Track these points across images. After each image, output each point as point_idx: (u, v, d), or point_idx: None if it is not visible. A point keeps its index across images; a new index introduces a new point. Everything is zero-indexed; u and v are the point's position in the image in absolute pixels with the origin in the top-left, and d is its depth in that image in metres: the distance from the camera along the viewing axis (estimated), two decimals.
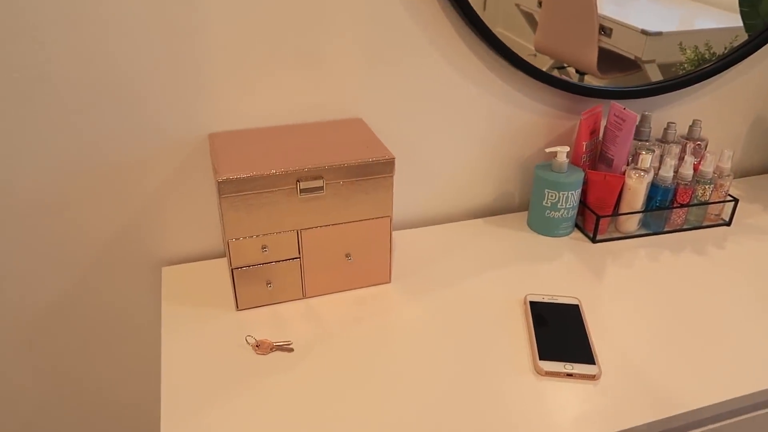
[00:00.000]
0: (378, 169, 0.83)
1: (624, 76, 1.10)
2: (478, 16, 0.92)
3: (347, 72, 0.92)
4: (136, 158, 0.88)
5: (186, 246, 0.98)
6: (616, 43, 1.06)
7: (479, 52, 0.98)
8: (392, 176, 0.84)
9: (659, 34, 1.09)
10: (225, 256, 0.99)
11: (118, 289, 0.98)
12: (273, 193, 0.79)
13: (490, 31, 0.94)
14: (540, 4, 0.96)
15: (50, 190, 0.87)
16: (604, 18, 1.02)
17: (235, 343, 0.80)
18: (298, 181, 0.79)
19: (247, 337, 0.81)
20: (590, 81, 1.06)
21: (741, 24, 1.13)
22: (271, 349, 0.79)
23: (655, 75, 1.10)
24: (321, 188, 0.80)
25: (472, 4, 0.91)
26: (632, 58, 1.07)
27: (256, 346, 0.79)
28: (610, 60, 1.06)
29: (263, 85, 0.89)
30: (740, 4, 1.12)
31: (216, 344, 0.80)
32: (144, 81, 0.83)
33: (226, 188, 0.77)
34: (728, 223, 1.10)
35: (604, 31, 1.04)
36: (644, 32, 1.07)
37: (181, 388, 0.73)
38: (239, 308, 0.86)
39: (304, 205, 0.81)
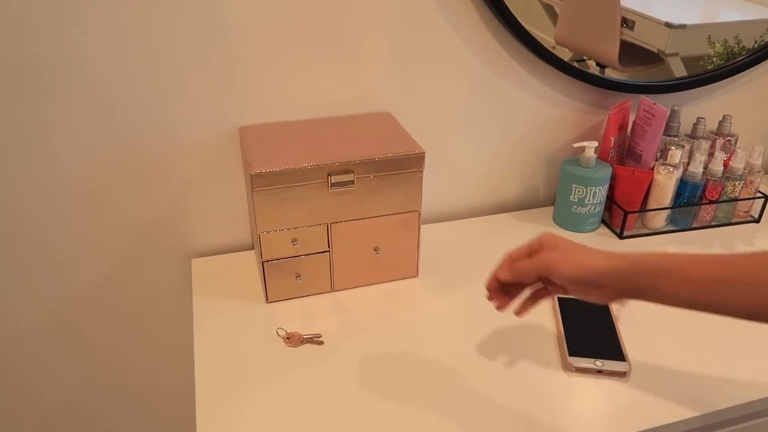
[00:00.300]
0: (408, 164, 0.83)
1: (645, 69, 1.09)
2: (509, 10, 0.92)
3: (376, 66, 0.92)
4: (168, 151, 0.89)
5: (215, 238, 0.99)
6: (639, 36, 1.04)
7: (508, 46, 0.97)
8: (422, 171, 0.84)
9: (683, 26, 1.07)
10: (253, 249, 1.00)
11: (149, 279, 0.99)
12: (304, 187, 0.80)
13: (520, 23, 0.93)
14: None
15: (87, 181, 0.88)
16: (627, 10, 1.01)
17: (266, 335, 0.81)
18: (329, 174, 0.80)
19: (278, 330, 0.81)
20: (611, 74, 1.05)
21: None
22: (301, 341, 0.80)
23: (678, 68, 1.09)
24: (352, 182, 0.81)
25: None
26: (655, 51, 1.06)
27: (287, 338, 0.80)
28: (631, 53, 1.05)
29: (293, 78, 0.89)
30: None
31: (247, 336, 0.81)
32: (176, 75, 0.84)
33: (259, 182, 0.77)
34: (757, 220, 1.09)
35: (627, 23, 1.03)
36: (668, 25, 1.06)
37: (214, 378, 0.74)
38: (269, 300, 0.87)
39: (334, 198, 0.82)
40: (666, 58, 1.07)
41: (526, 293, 0.70)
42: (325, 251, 0.85)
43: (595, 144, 1.00)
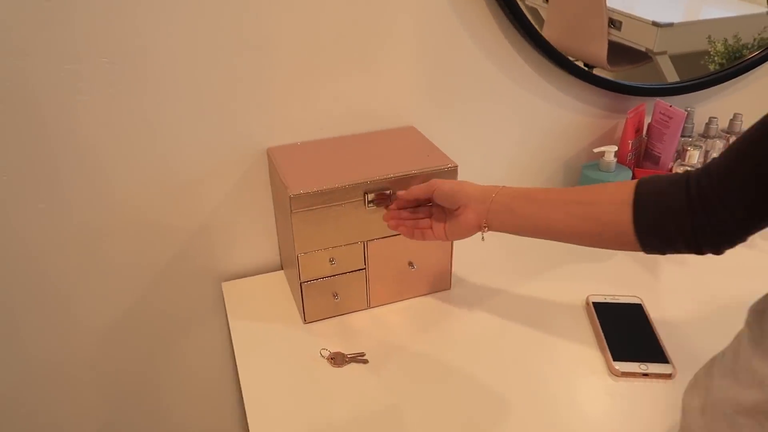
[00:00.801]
0: (441, 177, 0.83)
1: (634, 68, 1.10)
2: (530, 21, 0.93)
3: (398, 79, 0.93)
4: (195, 176, 0.89)
5: (243, 260, 0.98)
6: (627, 36, 1.06)
7: (526, 56, 0.98)
8: (457, 165, 0.84)
9: (671, 25, 1.09)
10: (281, 269, 1.00)
11: (181, 305, 0.98)
12: (341, 206, 0.80)
13: (538, 32, 0.95)
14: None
15: (116, 210, 0.87)
16: (613, 11, 1.03)
17: (309, 356, 0.81)
18: (365, 193, 0.80)
19: (322, 351, 0.81)
20: (599, 73, 1.06)
21: (762, 11, 1.12)
22: (346, 361, 0.80)
23: (666, 66, 1.10)
24: (388, 198, 0.81)
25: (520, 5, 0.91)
26: (643, 50, 1.07)
27: (331, 359, 0.80)
28: (619, 52, 1.06)
29: (317, 95, 0.89)
30: None
31: (290, 359, 0.81)
32: (199, 98, 0.83)
33: (297, 203, 0.77)
34: None
35: (614, 24, 1.05)
36: (655, 24, 1.07)
37: (264, 405, 0.74)
38: (306, 321, 0.86)
39: (370, 216, 0.82)
40: (654, 56, 1.09)
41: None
42: (361, 269, 0.85)
43: (615, 148, 1.02)
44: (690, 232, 0.58)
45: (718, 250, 0.59)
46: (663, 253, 0.62)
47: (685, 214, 0.57)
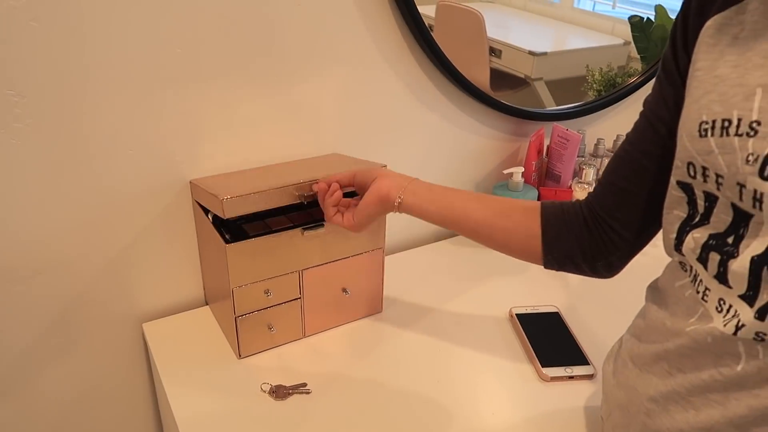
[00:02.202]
0: None
1: (514, 93, 1.21)
2: (440, 50, 0.98)
3: (323, 114, 0.94)
4: (106, 213, 0.84)
5: (163, 299, 0.93)
6: (507, 63, 1.16)
7: (438, 82, 1.04)
8: None
9: (545, 54, 1.21)
10: (205, 305, 0.96)
11: (97, 352, 0.91)
12: (277, 237, 0.79)
13: (449, 61, 1.00)
14: (431, 28, 1.00)
15: (20, 254, 0.80)
16: (493, 40, 1.12)
17: (250, 391, 0.78)
18: (299, 194, 0.79)
19: (262, 385, 0.79)
20: (501, 99, 1.13)
21: (619, 42, 1.28)
22: (288, 393, 0.78)
23: (543, 91, 1.21)
24: (321, 224, 0.81)
25: (435, 40, 0.97)
26: (522, 76, 1.17)
27: (273, 392, 0.78)
28: (501, 78, 1.15)
29: (239, 125, 0.88)
30: (632, 29, 1.29)
31: (230, 397, 0.78)
32: (120, 128, 0.80)
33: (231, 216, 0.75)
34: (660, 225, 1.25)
35: (494, 52, 1.14)
36: (531, 53, 1.19)
37: None
38: (241, 356, 0.84)
39: (305, 244, 0.82)
40: (532, 82, 1.19)
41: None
42: (297, 298, 0.85)
43: (522, 169, 1.10)
44: (587, 246, 0.68)
45: (609, 269, 0.71)
46: (561, 268, 0.71)
47: (581, 231, 0.68)
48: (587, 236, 0.68)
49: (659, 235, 0.63)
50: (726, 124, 0.48)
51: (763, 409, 0.48)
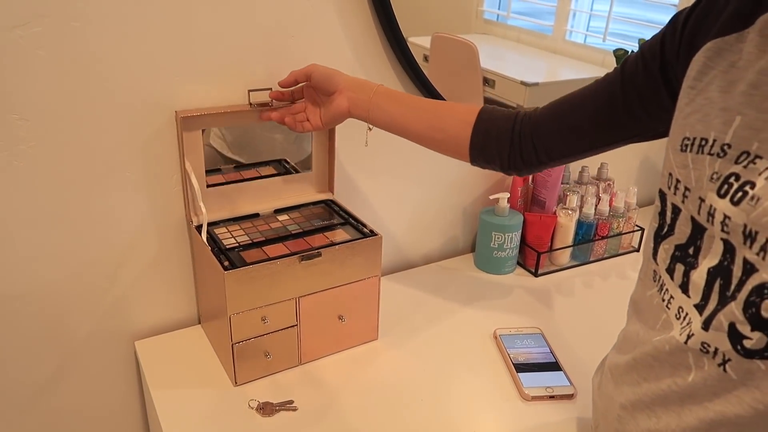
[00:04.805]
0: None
1: None
2: (423, 73, 1.02)
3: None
4: (103, 232, 0.87)
5: (155, 317, 0.96)
6: (500, 93, 1.20)
7: None
8: (381, 236, 0.89)
9: (536, 84, 1.25)
10: (198, 324, 0.99)
11: (89, 369, 0.93)
12: (274, 264, 0.81)
13: (436, 91, 1.05)
14: (426, 59, 1.05)
15: (19, 270, 0.82)
16: (487, 71, 1.16)
17: (239, 410, 0.80)
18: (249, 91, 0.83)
19: (250, 401, 0.81)
20: None
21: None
22: (275, 410, 0.80)
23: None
24: (319, 253, 0.83)
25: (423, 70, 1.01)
26: (514, 106, 1.21)
27: (260, 409, 0.80)
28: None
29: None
30: (617, 62, 1.33)
31: (219, 417, 0.80)
32: (120, 157, 0.83)
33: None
34: (638, 250, 1.28)
35: (488, 82, 1.19)
36: (524, 83, 1.23)
37: None
38: (237, 383, 0.85)
39: (303, 272, 0.83)
40: None
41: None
42: (293, 325, 0.86)
43: (508, 195, 1.13)
44: (506, 157, 0.78)
45: (519, 173, 0.81)
46: (483, 167, 0.83)
47: (505, 145, 0.77)
48: (508, 150, 0.78)
49: (639, 261, 0.66)
50: (703, 142, 0.52)
51: (710, 422, 0.50)
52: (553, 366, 0.91)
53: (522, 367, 0.90)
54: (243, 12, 0.84)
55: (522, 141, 0.76)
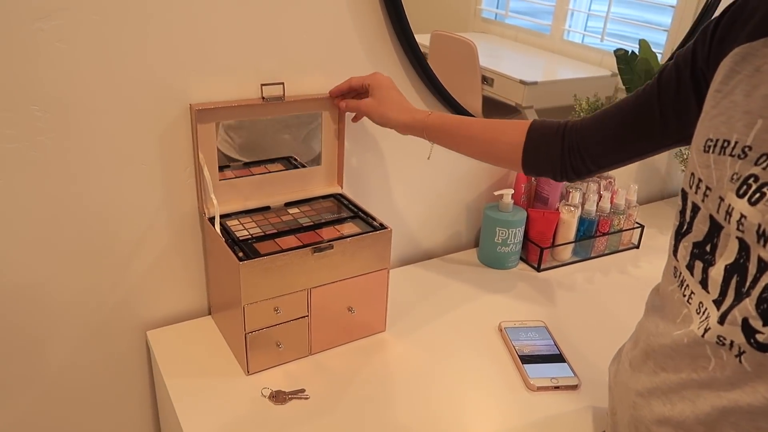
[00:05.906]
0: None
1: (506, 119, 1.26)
2: (430, 69, 1.03)
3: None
4: (115, 221, 0.88)
5: (166, 307, 0.97)
6: (499, 92, 1.21)
7: (436, 110, 1.10)
8: (391, 229, 0.91)
9: (535, 83, 1.27)
10: (208, 314, 1.00)
11: (101, 357, 0.94)
12: (287, 255, 0.82)
13: (443, 88, 1.06)
14: (425, 56, 1.05)
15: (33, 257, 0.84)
16: (486, 69, 1.18)
17: (252, 398, 0.82)
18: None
19: (263, 390, 0.83)
20: None
21: (606, 73, 1.34)
22: (287, 398, 0.82)
23: (533, 118, 1.25)
24: (331, 245, 0.85)
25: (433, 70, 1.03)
26: (513, 104, 1.23)
27: (272, 396, 0.82)
28: (493, 106, 1.21)
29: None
30: (617, 62, 1.35)
31: (232, 405, 0.81)
32: (135, 153, 0.84)
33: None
34: (637, 246, 1.31)
35: (487, 81, 1.20)
36: (522, 82, 1.25)
37: None
38: (249, 372, 0.86)
39: (315, 263, 0.85)
40: (523, 110, 1.25)
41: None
42: (304, 316, 0.88)
43: (512, 191, 1.15)
44: (558, 170, 0.82)
45: (571, 181, 0.86)
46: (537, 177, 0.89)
47: (556, 161, 0.81)
48: (560, 164, 0.81)
49: (639, 257, 0.68)
50: (725, 144, 0.54)
51: (722, 409, 0.53)
52: (558, 358, 0.93)
53: (527, 359, 0.92)
54: (258, 10, 0.86)
55: (571, 155, 0.79)
